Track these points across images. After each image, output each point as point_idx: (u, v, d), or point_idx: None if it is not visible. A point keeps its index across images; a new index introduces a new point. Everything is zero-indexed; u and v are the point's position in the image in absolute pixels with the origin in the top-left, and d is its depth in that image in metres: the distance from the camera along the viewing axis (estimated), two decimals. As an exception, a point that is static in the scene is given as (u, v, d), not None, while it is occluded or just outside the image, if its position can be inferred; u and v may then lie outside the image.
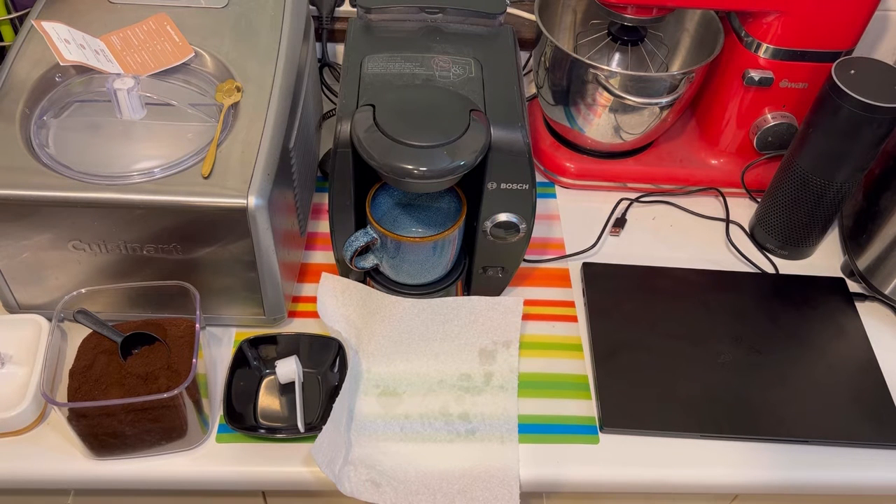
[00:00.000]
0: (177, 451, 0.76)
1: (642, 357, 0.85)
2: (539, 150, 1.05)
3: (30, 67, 0.78)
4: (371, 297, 0.83)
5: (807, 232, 0.95)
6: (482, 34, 0.86)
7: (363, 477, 0.74)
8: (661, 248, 0.98)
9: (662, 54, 1.03)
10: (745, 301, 0.91)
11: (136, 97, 0.75)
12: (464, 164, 0.71)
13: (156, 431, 0.72)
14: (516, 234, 0.81)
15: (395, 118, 0.72)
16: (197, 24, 0.85)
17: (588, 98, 0.95)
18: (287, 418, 0.79)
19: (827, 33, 0.90)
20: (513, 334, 0.84)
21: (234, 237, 0.73)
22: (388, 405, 0.80)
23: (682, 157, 1.05)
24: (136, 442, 0.73)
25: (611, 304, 0.90)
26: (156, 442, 0.74)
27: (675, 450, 0.79)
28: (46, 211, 0.70)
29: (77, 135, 0.75)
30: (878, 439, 0.80)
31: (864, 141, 0.84)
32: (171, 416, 0.71)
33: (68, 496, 0.84)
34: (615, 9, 0.90)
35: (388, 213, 0.85)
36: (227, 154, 0.73)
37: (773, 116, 0.97)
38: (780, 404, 0.82)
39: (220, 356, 0.83)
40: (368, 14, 0.85)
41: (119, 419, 0.70)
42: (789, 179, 0.91)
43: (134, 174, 0.71)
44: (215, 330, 0.85)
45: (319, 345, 0.83)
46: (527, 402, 0.82)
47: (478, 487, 0.74)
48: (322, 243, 0.95)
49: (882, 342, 0.89)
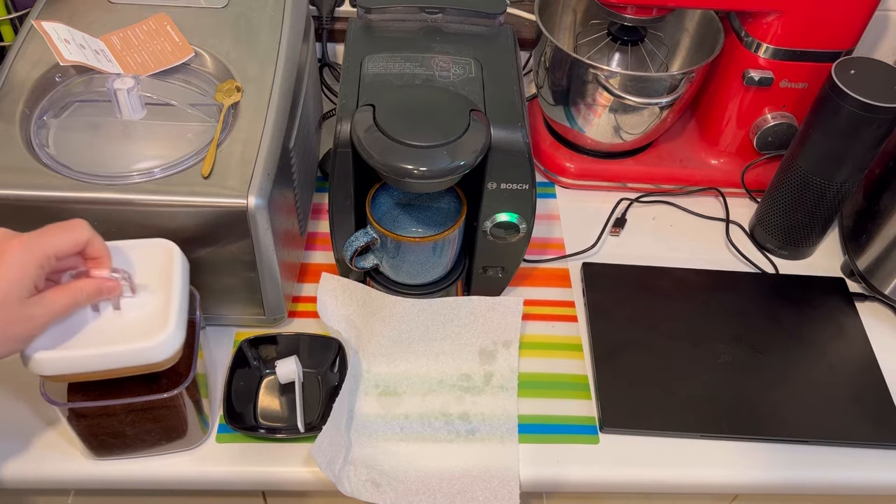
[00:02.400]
0: (177, 451, 0.76)
1: (642, 357, 0.85)
2: (539, 150, 1.05)
3: (30, 67, 0.78)
4: (371, 297, 0.83)
5: (807, 232, 0.95)
6: (482, 34, 0.86)
7: (363, 477, 0.74)
8: (661, 248, 0.98)
9: (662, 54, 1.03)
10: (745, 301, 0.91)
11: (136, 97, 0.75)
12: (464, 164, 0.71)
13: (156, 431, 0.72)
14: (516, 234, 0.81)
15: (395, 118, 0.72)
16: (197, 24, 0.85)
17: (588, 98, 0.95)
18: (287, 418, 0.79)
19: (827, 33, 0.90)
20: (513, 334, 0.84)
21: (234, 237, 0.73)
22: (388, 405, 0.80)
23: (682, 157, 1.05)
24: (136, 442, 0.73)
25: (611, 304, 0.90)
26: (156, 442, 0.74)
27: (675, 450, 0.79)
28: (46, 211, 0.70)
29: (77, 135, 0.75)
30: (878, 439, 0.80)
31: (864, 141, 0.84)
32: (171, 416, 0.71)
33: (68, 496, 0.84)
34: (615, 9, 0.90)
35: (388, 213, 0.85)
36: (227, 154, 0.73)
37: (773, 116, 0.97)
38: (780, 404, 0.82)
39: (220, 356, 0.83)
40: (368, 14, 0.85)
41: (119, 419, 0.70)
42: (789, 179, 0.91)
43: (134, 174, 0.71)
44: (215, 330, 0.85)
45: (319, 345, 0.83)
46: (527, 402, 0.82)
47: (478, 487, 0.74)
48: (322, 243, 0.95)
49: (882, 342, 0.89)
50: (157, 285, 0.68)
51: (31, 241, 0.59)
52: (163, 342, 0.64)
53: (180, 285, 0.68)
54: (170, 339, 0.65)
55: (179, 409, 0.70)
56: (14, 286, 0.57)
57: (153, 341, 0.64)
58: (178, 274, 0.68)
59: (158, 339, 0.64)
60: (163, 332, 0.64)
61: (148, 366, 0.65)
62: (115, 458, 0.75)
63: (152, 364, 0.65)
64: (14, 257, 0.57)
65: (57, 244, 0.60)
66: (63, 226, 0.62)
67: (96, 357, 0.63)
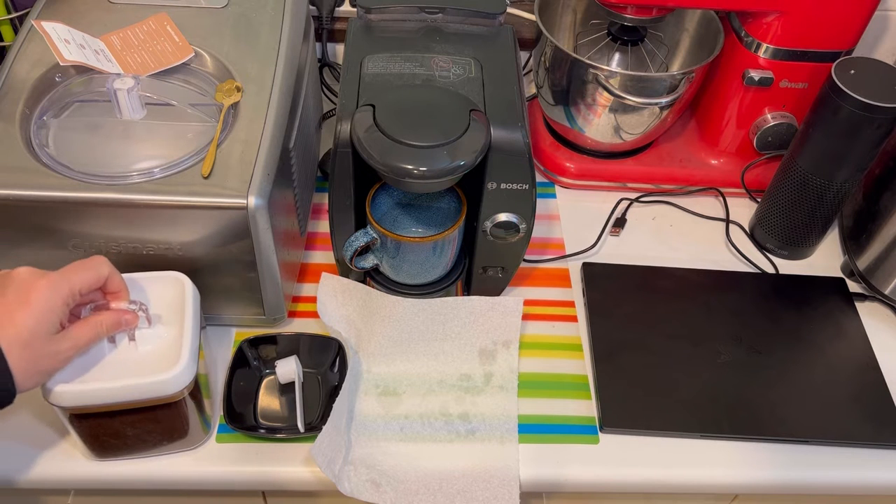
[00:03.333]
0: (178, 451, 0.76)
1: (642, 357, 0.85)
2: (539, 150, 1.05)
3: (30, 67, 0.78)
4: (371, 297, 0.83)
5: (807, 232, 0.95)
6: (482, 34, 0.86)
7: (363, 477, 0.74)
8: (661, 248, 0.98)
9: (662, 54, 1.03)
10: (745, 301, 0.91)
11: (136, 97, 0.75)
12: (464, 164, 0.71)
13: (157, 432, 0.72)
14: (516, 234, 0.81)
15: (395, 118, 0.72)
16: (197, 24, 0.84)
17: (588, 98, 0.95)
18: (287, 418, 0.79)
19: (827, 33, 0.90)
20: (513, 334, 0.84)
21: (234, 237, 0.73)
22: (388, 405, 0.80)
23: (682, 157, 1.05)
24: (137, 443, 0.73)
25: (611, 304, 0.90)
26: (157, 443, 0.74)
27: (675, 450, 0.79)
28: (46, 211, 0.70)
29: (77, 135, 0.75)
30: (878, 439, 0.80)
31: (864, 141, 0.84)
32: (172, 417, 0.71)
33: (68, 496, 0.84)
34: (615, 9, 0.90)
35: (388, 213, 0.85)
36: (227, 154, 0.73)
37: (773, 116, 0.97)
38: (780, 404, 0.82)
39: (220, 356, 0.83)
40: (368, 14, 0.85)
41: (121, 420, 0.70)
42: (789, 179, 0.91)
43: (134, 174, 0.71)
44: (215, 330, 0.85)
45: (319, 345, 0.83)
46: (527, 402, 0.82)
47: (478, 487, 0.74)
48: (322, 243, 0.95)
49: (882, 342, 0.89)
50: (170, 317, 0.70)
51: (58, 280, 0.62)
52: (177, 375, 0.67)
53: (192, 317, 0.70)
54: (184, 372, 0.67)
55: (181, 410, 0.70)
56: (43, 324, 0.61)
57: (169, 374, 0.66)
58: (190, 305, 0.70)
59: (173, 372, 0.66)
60: (177, 364, 0.67)
61: (161, 398, 0.68)
62: (116, 458, 0.75)
63: (167, 396, 0.68)
64: (42, 297, 0.61)
65: (81, 281, 0.63)
66: (85, 263, 0.65)
67: (113, 390, 0.66)
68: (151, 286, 0.71)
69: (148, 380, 0.66)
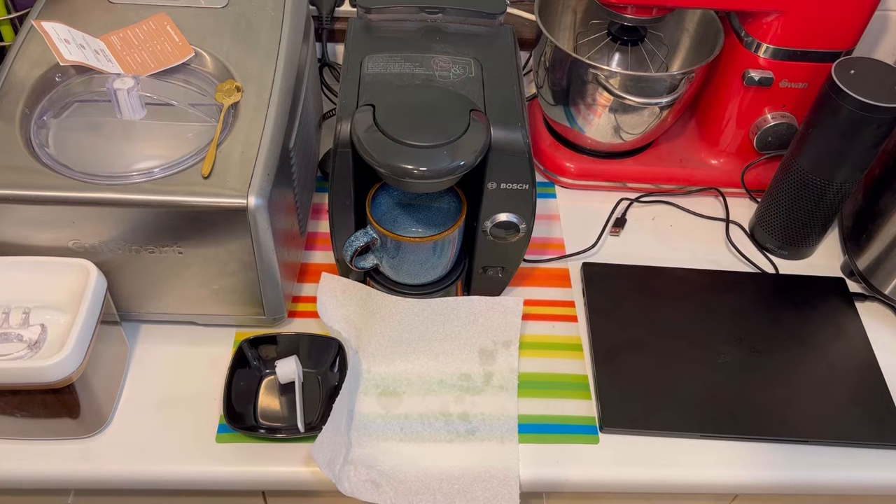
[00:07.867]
0: (69, 438, 0.75)
1: (642, 357, 0.85)
2: (539, 150, 1.05)
3: (30, 67, 0.78)
4: (371, 297, 0.83)
5: (807, 232, 0.95)
6: (482, 34, 0.86)
7: (363, 477, 0.74)
8: (661, 248, 0.98)
9: (662, 54, 1.03)
10: (746, 301, 0.91)
11: (136, 97, 0.75)
12: (464, 164, 0.71)
13: (46, 417, 0.72)
14: (516, 234, 0.81)
15: (395, 118, 0.72)
16: (197, 24, 0.85)
17: (588, 98, 0.95)
18: (287, 418, 0.79)
19: (827, 33, 0.90)
20: (513, 334, 0.84)
21: (234, 237, 0.73)
22: (388, 405, 0.80)
23: (682, 157, 1.05)
24: (28, 426, 0.73)
25: (611, 304, 0.90)
26: (48, 427, 0.73)
27: (675, 450, 0.79)
28: (46, 211, 0.70)
29: (77, 135, 0.75)
30: (878, 439, 0.80)
31: (864, 141, 0.84)
32: (59, 404, 0.70)
33: (68, 496, 0.84)
34: (615, 9, 0.90)
35: (388, 213, 0.85)
36: (227, 154, 0.73)
37: (773, 116, 0.97)
38: (780, 404, 0.82)
39: (220, 356, 0.83)
40: (368, 14, 0.85)
41: (5, 401, 0.69)
42: (789, 179, 0.91)
43: (134, 174, 0.71)
44: (215, 330, 0.85)
45: (319, 345, 0.83)
46: (527, 402, 0.82)
47: (478, 487, 0.74)
48: (322, 243, 0.95)
49: (882, 342, 0.89)
50: (67, 304, 0.71)
51: None
52: (58, 363, 0.66)
53: (88, 306, 0.70)
54: (66, 360, 0.67)
55: (70, 397, 0.70)
56: None
57: (50, 361, 0.66)
58: (90, 295, 0.70)
59: (54, 360, 0.66)
60: (60, 352, 0.66)
61: (43, 384, 0.68)
62: (7, 439, 0.74)
63: (48, 383, 0.67)
64: None
65: None
66: None
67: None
68: (51, 270, 0.72)
69: (28, 364, 0.66)
